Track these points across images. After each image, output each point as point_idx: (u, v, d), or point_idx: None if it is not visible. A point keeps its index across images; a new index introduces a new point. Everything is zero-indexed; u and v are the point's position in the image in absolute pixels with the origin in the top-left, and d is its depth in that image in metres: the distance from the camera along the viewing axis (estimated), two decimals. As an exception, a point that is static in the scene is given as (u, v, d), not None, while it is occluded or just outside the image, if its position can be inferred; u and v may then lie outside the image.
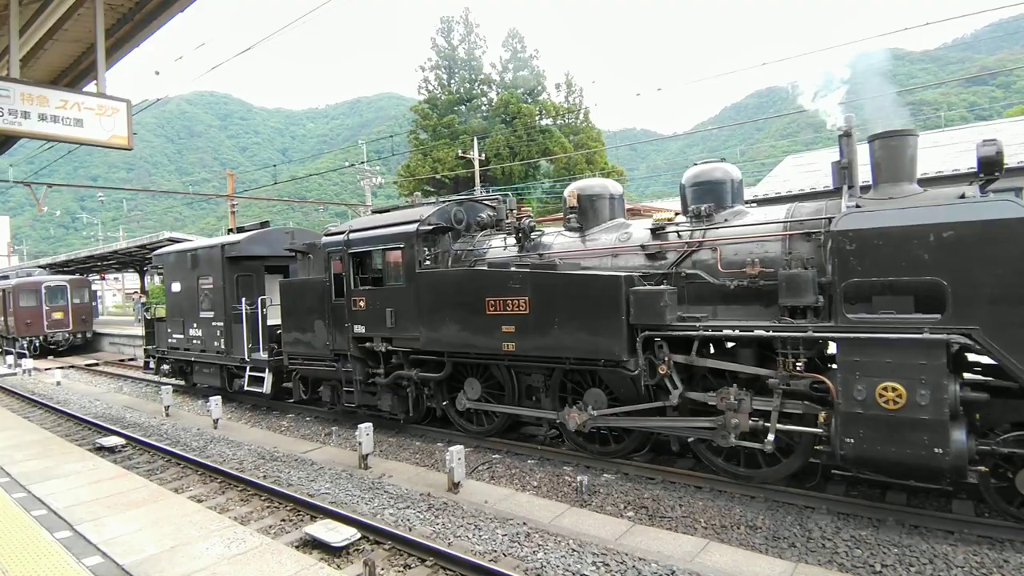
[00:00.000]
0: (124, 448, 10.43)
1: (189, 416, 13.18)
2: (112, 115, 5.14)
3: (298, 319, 11.25)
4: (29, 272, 27.17)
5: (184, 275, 14.60)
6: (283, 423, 11.94)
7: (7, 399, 16.21)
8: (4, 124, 4.44)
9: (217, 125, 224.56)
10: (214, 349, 13.75)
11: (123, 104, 5.69)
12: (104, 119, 5.06)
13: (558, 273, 7.68)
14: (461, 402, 9.51)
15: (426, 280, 9.10)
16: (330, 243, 10.62)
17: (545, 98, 44.80)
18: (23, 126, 4.59)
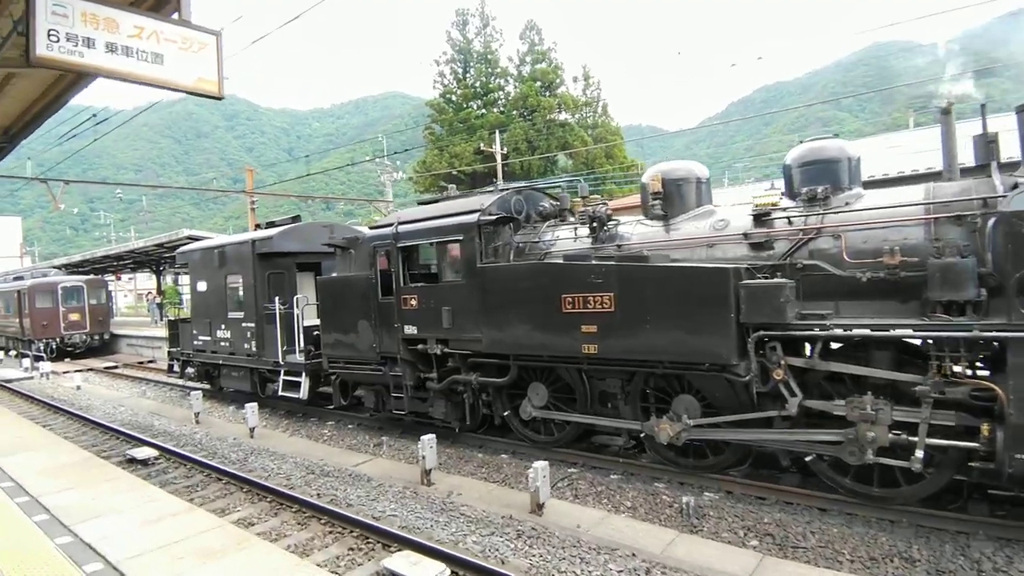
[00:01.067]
0: (158, 460, 9.64)
1: (220, 423, 12.40)
2: (199, 51, 4.20)
3: (340, 319, 10.43)
4: (44, 273, 26.52)
5: (211, 273, 13.81)
6: (324, 431, 11.14)
7: (26, 406, 15.50)
8: (62, 54, 3.54)
9: (224, 126, 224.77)
10: (244, 352, 12.96)
11: (212, 38, 4.58)
12: (189, 56, 4.13)
13: (651, 266, 6.80)
14: (525, 410, 8.66)
15: (490, 276, 8.25)
16: (376, 237, 9.79)
17: (564, 91, 43.79)
18: (86, 58, 3.66)
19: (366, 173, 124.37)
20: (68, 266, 29.44)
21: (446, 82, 46.06)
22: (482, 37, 46.21)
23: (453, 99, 45.73)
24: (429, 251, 9.52)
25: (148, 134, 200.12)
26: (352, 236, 11.20)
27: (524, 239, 8.83)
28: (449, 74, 46.00)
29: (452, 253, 8.82)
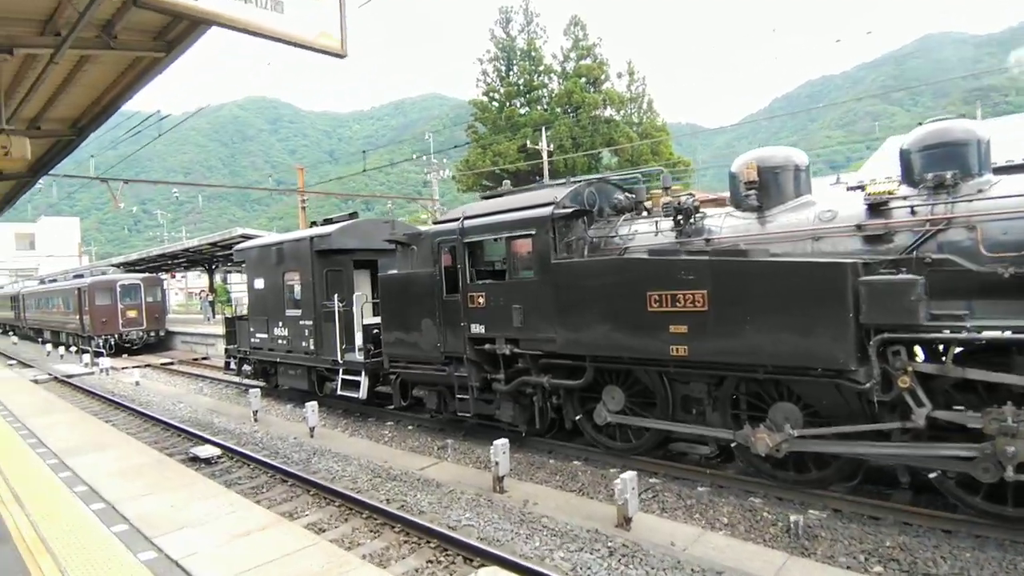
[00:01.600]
0: (220, 459, 9.51)
1: (279, 422, 12.28)
2: (319, 2, 3.82)
3: (401, 318, 10.13)
4: (103, 271, 27.27)
5: (268, 271, 13.74)
6: (384, 432, 10.86)
7: (87, 400, 15.76)
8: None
9: (267, 129, 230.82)
10: (302, 350, 12.82)
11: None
12: (310, 6, 3.75)
13: (753, 261, 6.23)
14: (600, 415, 8.16)
15: (565, 272, 7.79)
16: (441, 232, 9.44)
17: (608, 87, 43.02)
18: (200, 2, 3.33)
19: (405, 174, 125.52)
20: (125, 264, 30.25)
21: (489, 80, 45.79)
22: (525, 34, 45.81)
23: (496, 97, 45.47)
24: (496, 247, 9.12)
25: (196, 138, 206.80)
26: (414, 232, 10.89)
27: (598, 234, 8.34)
28: (492, 72, 45.72)
29: (523, 248, 8.40)
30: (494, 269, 9.72)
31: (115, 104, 7.04)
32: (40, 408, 10.16)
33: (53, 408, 10.32)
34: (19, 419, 8.94)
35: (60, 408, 10.24)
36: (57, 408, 10.30)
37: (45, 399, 11.31)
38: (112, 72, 6.16)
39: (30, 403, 10.62)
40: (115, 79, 6.36)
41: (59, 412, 9.71)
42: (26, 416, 9.17)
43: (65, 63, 5.45)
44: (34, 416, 9.18)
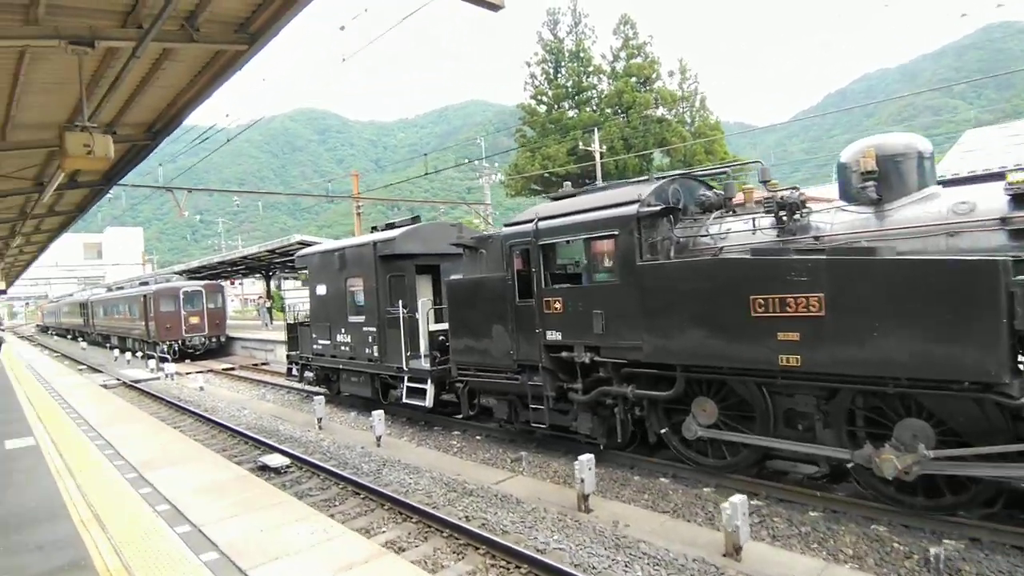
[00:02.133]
0: (289, 469, 9.32)
1: (343, 430, 12.09)
2: None
3: (471, 324, 9.76)
4: (167, 278, 28.09)
5: (331, 277, 13.64)
6: (452, 442, 10.50)
7: (155, 406, 16.02)
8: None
9: (316, 139, 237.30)
10: (365, 357, 12.62)
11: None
12: None
13: (881, 260, 5.56)
14: (689, 428, 7.56)
15: (653, 275, 7.25)
16: (513, 234, 9.03)
17: (660, 86, 42.05)
18: None
19: (449, 180, 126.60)
20: (187, 272, 31.11)
21: (537, 83, 45.45)
22: (574, 35, 45.29)
23: (545, 100, 45.07)
24: (571, 249, 8.67)
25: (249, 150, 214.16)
26: (482, 235, 10.53)
27: (685, 233, 7.76)
28: (540, 75, 45.35)
29: (604, 250, 7.90)
30: (567, 273, 9.27)
31: (190, 106, 6.97)
32: (113, 416, 10.23)
33: (125, 416, 10.38)
34: (94, 428, 8.99)
35: (133, 416, 10.29)
36: (130, 416, 10.36)
37: (117, 406, 11.44)
38: (190, 70, 6.05)
39: (103, 411, 10.73)
40: (192, 78, 6.25)
41: (132, 421, 9.73)
42: (101, 425, 9.21)
43: (144, 60, 5.34)
44: (108, 425, 9.20)
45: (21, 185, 9.38)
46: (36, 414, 10.48)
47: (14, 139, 7.07)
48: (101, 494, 5.43)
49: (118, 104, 6.48)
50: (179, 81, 6.37)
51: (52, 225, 15.57)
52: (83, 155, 4.83)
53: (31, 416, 10.24)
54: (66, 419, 9.91)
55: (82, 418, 10.12)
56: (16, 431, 8.88)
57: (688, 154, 41.46)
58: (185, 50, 5.31)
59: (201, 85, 6.35)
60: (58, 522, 4.70)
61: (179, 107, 7.00)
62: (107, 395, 13.64)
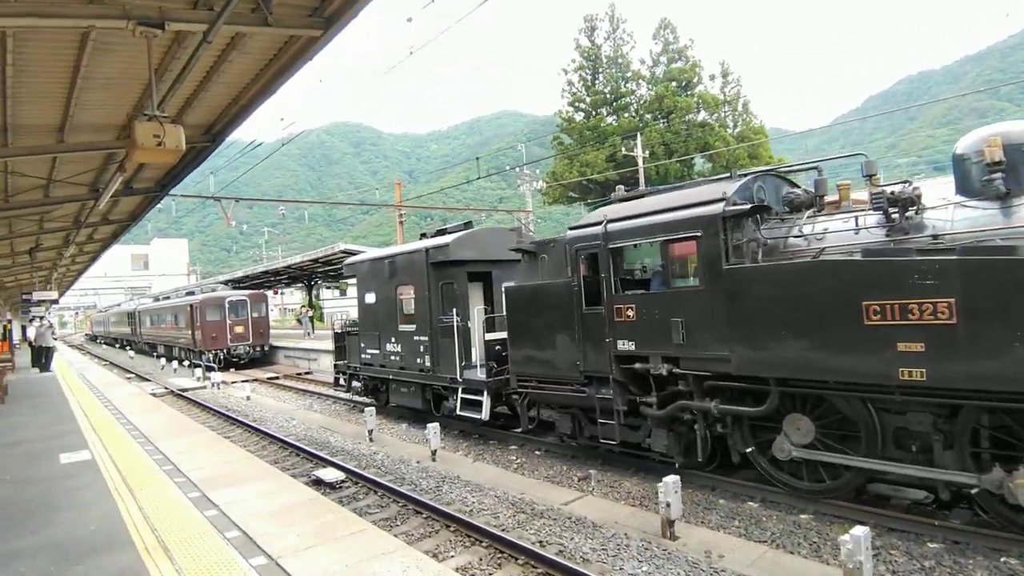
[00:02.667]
0: (344, 484, 8.94)
1: (395, 442, 11.70)
2: None
3: (532, 333, 9.27)
4: (213, 288, 28.41)
5: (381, 284, 13.33)
6: (511, 457, 10.00)
7: (204, 415, 15.94)
8: None
9: (351, 152, 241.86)
10: (416, 367, 12.24)
11: None
12: None
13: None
14: (782, 448, 6.90)
15: (743, 279, 6.65)
16: (579, 238, 8.52)
17: (702, 90, 41.20)
18: None
19: (481, 190, 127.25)
20: (230, 282, 31.46)
21: (575, 90, 45.04)
22: (612, 41, 44.83)
23: (582, 107, 44.62)
24: (643, 253, 8.14)
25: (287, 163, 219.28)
26: (544, 239, 10.05)
27: (773, 234, 7.13)
28: (578, 82, 44.96)
29: (684, 253, 7.33)
30: (635, 279, 8.72)
31: (253, 104, 6.73)
32: (167, 427, 10.01)
33: (178, 427, 10.16)
34: (150, 440, 8.76)
35: (186, 428, 10.05)
36: (183, 428, 10.13)
37: (169, 417, 11.26)
38: (257, 62, 5.76)
39: (156, 422, 10.53)
40: (258, 72, 5.98)
41: (186, 432, 9.48)
42: (156, 437, 8.97)
43: (211, 50, 5.02)
44: (164, 438, 8.96)
45: (77, 192, 9.32)
46: (90, 424, 10.37)
47: (73, 141, 6.92)
48: (165, 517, 5.07)
49: (180, 101, 6.27)
50: (244, 76, 6.11)
51: (105, 234, 15.73)
52: (153, 147, 4.55)
53: (85, 427, 10.11)
54: (120, 430, 9.74)
55: (136, 429, 9.93)
56: (71, 444, 8.70)
57: (732, 159, 40.43)
58: (255, 38, 5.01)
59: (267, 79, 6.06)
60: (121, 550, 4.35)
61: (241, 105, 6.75)
62: (158, 404, 13.56)
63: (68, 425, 10.26)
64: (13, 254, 15.43)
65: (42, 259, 17.50)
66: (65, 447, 8.44)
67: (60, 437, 9.22)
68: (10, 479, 6.98)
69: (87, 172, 8.56)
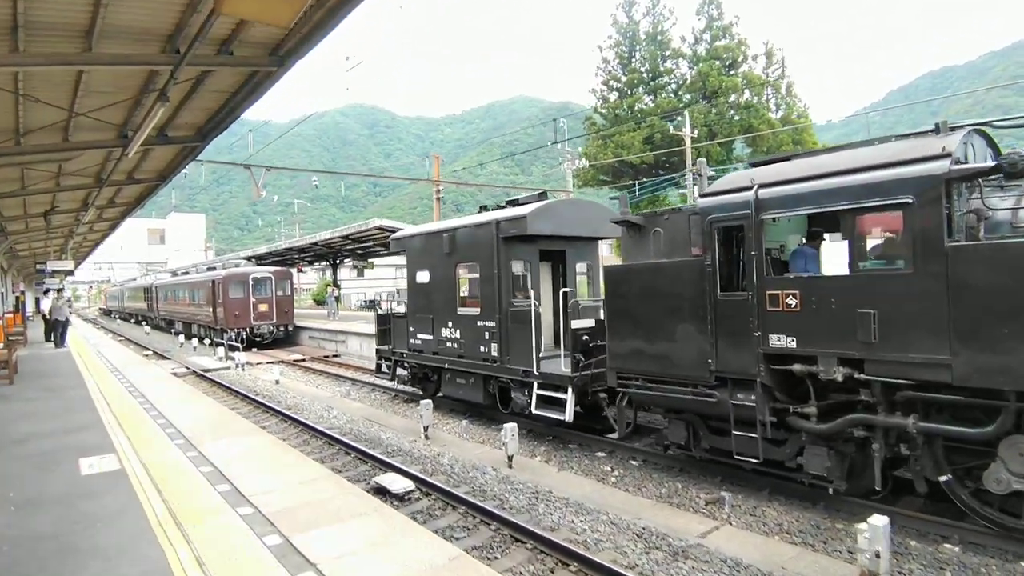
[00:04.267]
0: (413, 495, 7.47)
1: (455, 441, 10.22)
2: None
3: (641, 321, 7.69)
4: (236, 264, 26.98)
5: (437, 262, 11.78)
6: (603, 468, 8.48)
7: (233, 400, 14.55)
8: None
9: (366, 134, 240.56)
10: (479, 356, 10.71)
11: None
12: None
13: None
14: (999, 479, 5.32)
15: (974, 261, 5.03)
16: (717, 207, 6.91)
17: (747, 70, 39.08)
18: None
19: (494, 175, 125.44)
20: (253, 258, 30.04)
21: (610, 68, 42.98)
22: (651, 17, 42.63)
23: (617, 86, 42.58)
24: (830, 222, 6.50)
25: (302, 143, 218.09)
26: (656, 211, 8.43)
27: (1000, 204, 5.50)
28: (614, 59, 42.86)
29: (881, 226, 5.72)
30: (774, 258, 7.10)
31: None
32: (207, 422, 8.38)
33: (221, 422, 8.50)
34: (191, 442, 7.15)
35: (231, 423, 8.34)
36: (227, 423, 8.45)
37: (205, 407, 9.61)
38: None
39: (191, 413, 8.96)
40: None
41: (234, 431, 7.78)
42: (198, 437, 7.32)
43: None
44: (207, 438, 7.35)
45: (103, 137, 7.80)
46: (113, 415, 8.88)
47: (103, 52, 5.28)
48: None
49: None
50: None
51: (128, 197, 14.26)
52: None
53: (108, 418, 8.61)
54: (151, 425, 8.21)
55: (168, 422, 8.44)
56: (93, 443, 7.14)
57: (775, 143, 38.42)
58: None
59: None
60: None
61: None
62: (186, 389, 12.14)
63: (87, 415, 8.78)
64: (27, 216, 14.00)
65: (57, 224, 16.09)
66: (85, 448, 6.91)
67: (78, 432, 7.70)
68: (14, 499, 5.28)
69: (117, 105, 7.01)
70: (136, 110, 7.13)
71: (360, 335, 22.14)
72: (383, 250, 25.32)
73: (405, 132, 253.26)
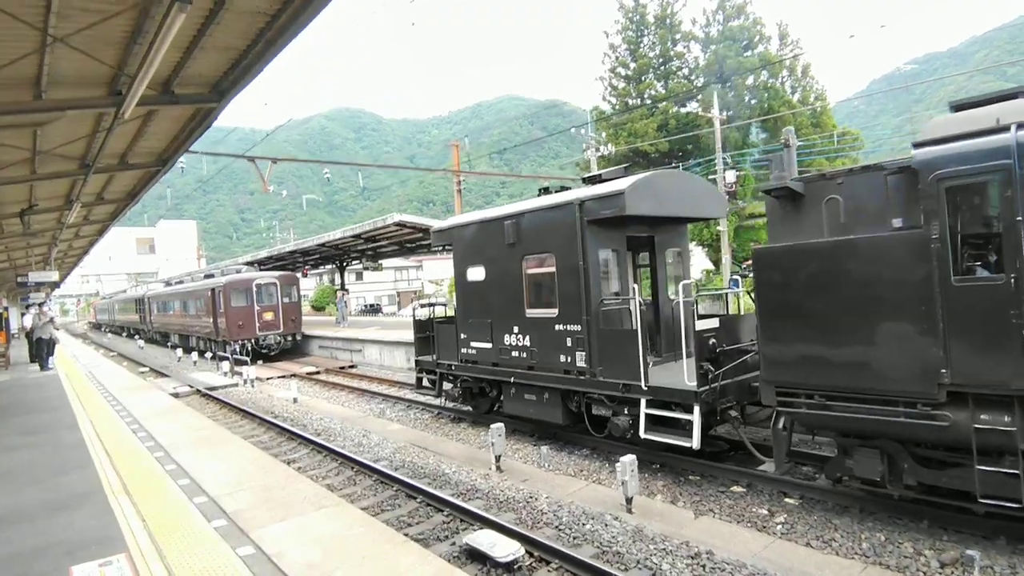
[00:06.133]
0: (522, 562, 5.54)
1: (538, 474, 8.30)
2: None
3: (820, 318, 5.81)
4: (238, 269, 24.87)
5: (495, 255, 9.85)
6: (756, 511, 6.57)
7: (249, 425, 12.55)
8: None
9: (352, 138, 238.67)
10: (557, 366, 8.80)
11: None
12: None
13: None
14: None
15: None
16: (948, 158, 5.02)
17: (763, 50, 37.41)
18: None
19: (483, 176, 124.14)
20: (254, 263, 27.91)
21: (619, 54, 41.13)
22: (659, 0, 40.82)
23: (626, 73, 40.74)
24: None
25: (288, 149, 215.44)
26: (824, 172, 6.51)
27: None
28: (621, 43, 41.03)
29: None
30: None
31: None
32: (254, 482, 6.12)
33: (278, 485, 5.93)
34: (244, 529, 4.94)
35: (293, 493, 5.69)
36: (288, 490, 5.71)
37: (250, 459, 7.26)
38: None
39: (232, 469, 6.76)
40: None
41: (300, 503, 5.34)
42: (251, 517, 5.11)
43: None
44: (266, 516, 5.05)
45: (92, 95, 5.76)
46: (116, 471, 6.70)
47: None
48: None
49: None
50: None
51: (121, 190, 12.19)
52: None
53: (109, 479, 6.39)
54: (173, 491, 5.87)
55: (195, 483, 6.27)
56: (92, 533, 4.79)
57: (796, 125, 36.75)
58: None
59: None
60: None
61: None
62: (204, 424, 10.06)
63: (81, 475, 6.61)
64: (0, 217, 11.91)
65: (38, 228, 14.00)
66: (81, 541, 4.63)
67: (69, 509, 5.43)
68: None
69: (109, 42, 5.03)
70: (133, 47, 5.13)
71: (379, 343, 20.16)
72: (397, 248, 23.34)
73: (392, 135, 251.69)
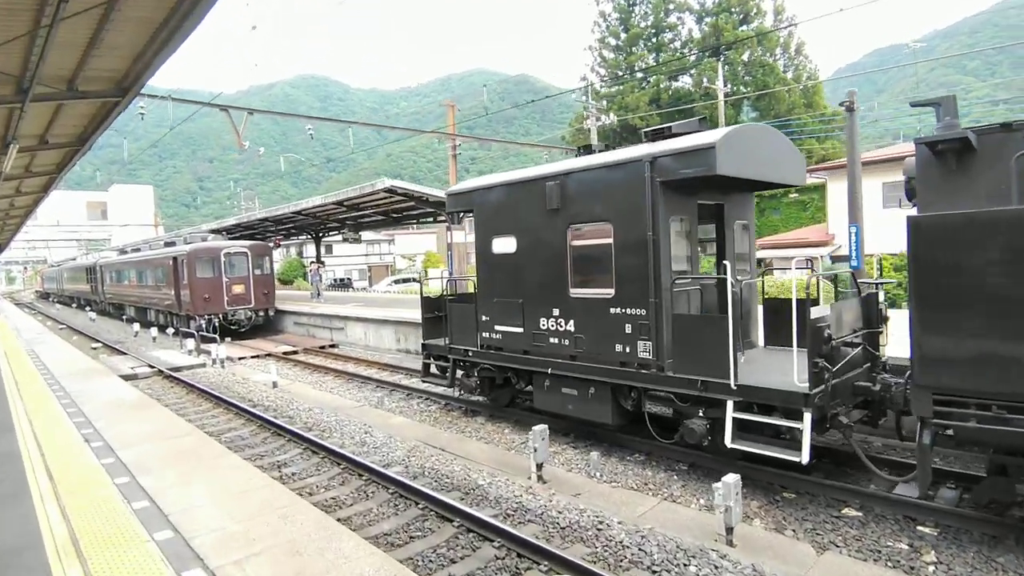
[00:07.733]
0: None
1: (592, 487, 6.89)
2: None
3: (1003, 305, 4.48)
4: (203, 238, 22.60)
5: (532, 222, 8.28)
6: (894, 543, 5.28)
7: (225, 416, 10.81)
8: None
9: (318, 107, 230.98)
10: (610, 357, 7.36)
11: None
12: None
13: None
14: None
15: None
16: None
17: (759, 24, 36.24)
18: None
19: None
20: (221, 231, 25.57)
21: (610, 24, 39.45)
22: (653, -33, 39.14)
23: (616, 44, 39.14)
24: None
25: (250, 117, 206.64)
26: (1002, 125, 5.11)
27: None
28: (613, 12, 39.35)
29: None
30: None
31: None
32: (242, 522, 4.42)
33: (305, 537, 4.49)
34: None
35: (307, 533, 4.06)
36: (300, 534, 4.31)
37: (256, 487, 5.48)
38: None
39: (229, 506, 5.02)
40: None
41: (323, 548, 3.97)
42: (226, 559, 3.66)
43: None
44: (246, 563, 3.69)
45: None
46: (60, 511, 4.82)
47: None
48: None
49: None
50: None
51: (65, 136, 10.15)
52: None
53: (53, 527, 4.54)
54: (150, 553, 4.13)
55: (182, 538, 4.54)
56: None
57: (787, 106, 35.90)
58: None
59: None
60: None
61: None
62: (177, 425, 8.31)
63: (16, 515, 4.75)
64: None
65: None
66: None
67: None
68: None
69: None
70: None
71: (364, 321, 18.41)
72: (383, 218, 21.45)
73: (359, 105, 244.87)
